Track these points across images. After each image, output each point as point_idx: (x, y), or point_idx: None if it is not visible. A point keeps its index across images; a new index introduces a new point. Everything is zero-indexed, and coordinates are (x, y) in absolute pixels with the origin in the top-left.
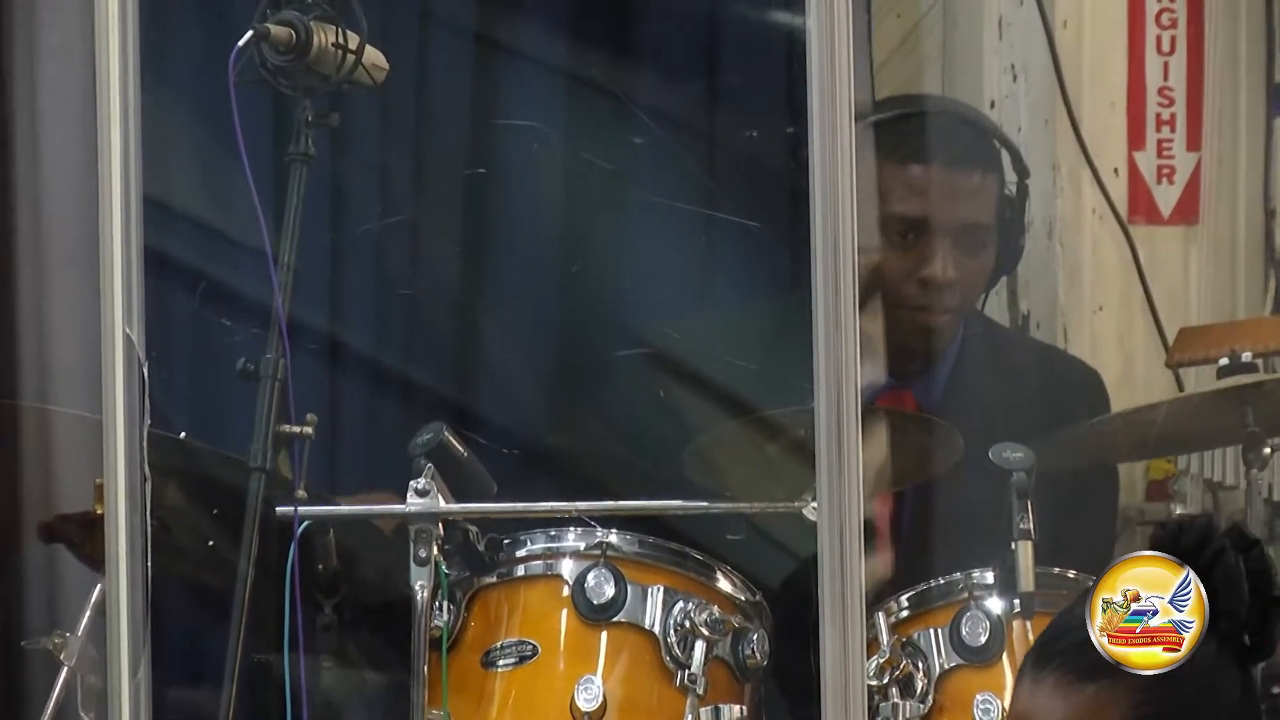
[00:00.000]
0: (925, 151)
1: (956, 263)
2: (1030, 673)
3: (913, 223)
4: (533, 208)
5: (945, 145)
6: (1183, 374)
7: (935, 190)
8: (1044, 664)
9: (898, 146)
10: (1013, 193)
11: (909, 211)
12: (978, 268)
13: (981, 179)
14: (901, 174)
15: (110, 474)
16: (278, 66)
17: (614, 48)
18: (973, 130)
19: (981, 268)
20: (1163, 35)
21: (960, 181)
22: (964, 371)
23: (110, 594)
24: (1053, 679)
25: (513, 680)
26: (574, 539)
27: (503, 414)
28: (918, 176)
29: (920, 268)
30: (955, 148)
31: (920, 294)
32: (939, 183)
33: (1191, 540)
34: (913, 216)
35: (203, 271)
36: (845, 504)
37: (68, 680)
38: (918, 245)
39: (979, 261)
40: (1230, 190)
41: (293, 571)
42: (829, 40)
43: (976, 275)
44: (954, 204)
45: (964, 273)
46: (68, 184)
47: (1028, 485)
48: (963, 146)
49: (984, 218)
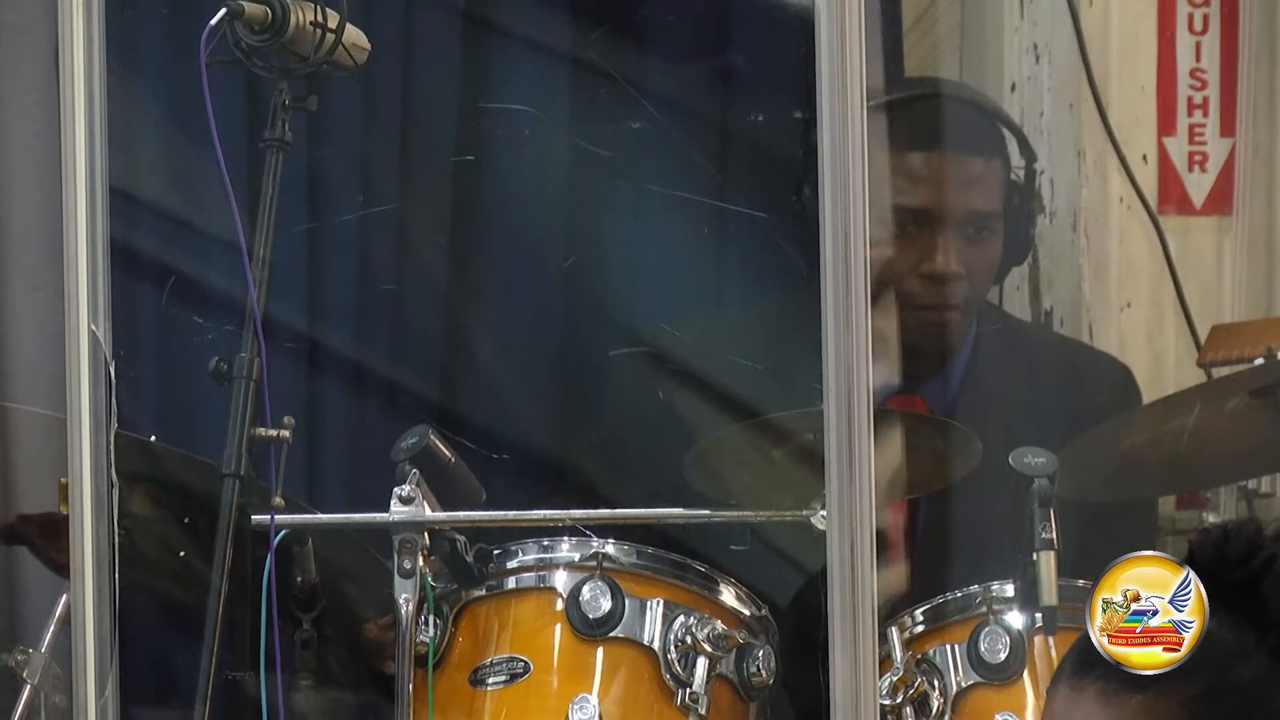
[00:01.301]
0: (923, 138)
1: (961, 254)
2: (1068, 682)
3: (913, 214)
4: (525, 197)
5: (943, 130)
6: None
7: (935, 179)
8: (1085, 673)
9: (893, 133)
10: (1020, 179)
11: (909, 202)
12: (984, 259)
13: (984, 165)
14: (899, 163)
15: (75, 479)
16: (252, 46)
17: (611, 27)
18: (973, 112)
19: (988, 259)
20: (1195, 14)
21: (961, 168)
22: (979, 371)
23: (76, 607)
24: (1095, 689)
25: (503, 699)
26: (568, 549)
27: (492, 417)
28: (916, 165)
29: (923, 261)
30: (954, 132)
31: (925, 289)
32: (938, 171)
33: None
34: (913, 207)
35: (173, 265)
36: (856, 512)
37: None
38: (919, 238)
39: (985, 252)
40: (1266, 178)
41: (269, 584)
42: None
43: (983, 267)
44: (955, 192)
45: (969, 264)
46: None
47: (1050, 492)
48: (962, 131)
49: (988, 205)
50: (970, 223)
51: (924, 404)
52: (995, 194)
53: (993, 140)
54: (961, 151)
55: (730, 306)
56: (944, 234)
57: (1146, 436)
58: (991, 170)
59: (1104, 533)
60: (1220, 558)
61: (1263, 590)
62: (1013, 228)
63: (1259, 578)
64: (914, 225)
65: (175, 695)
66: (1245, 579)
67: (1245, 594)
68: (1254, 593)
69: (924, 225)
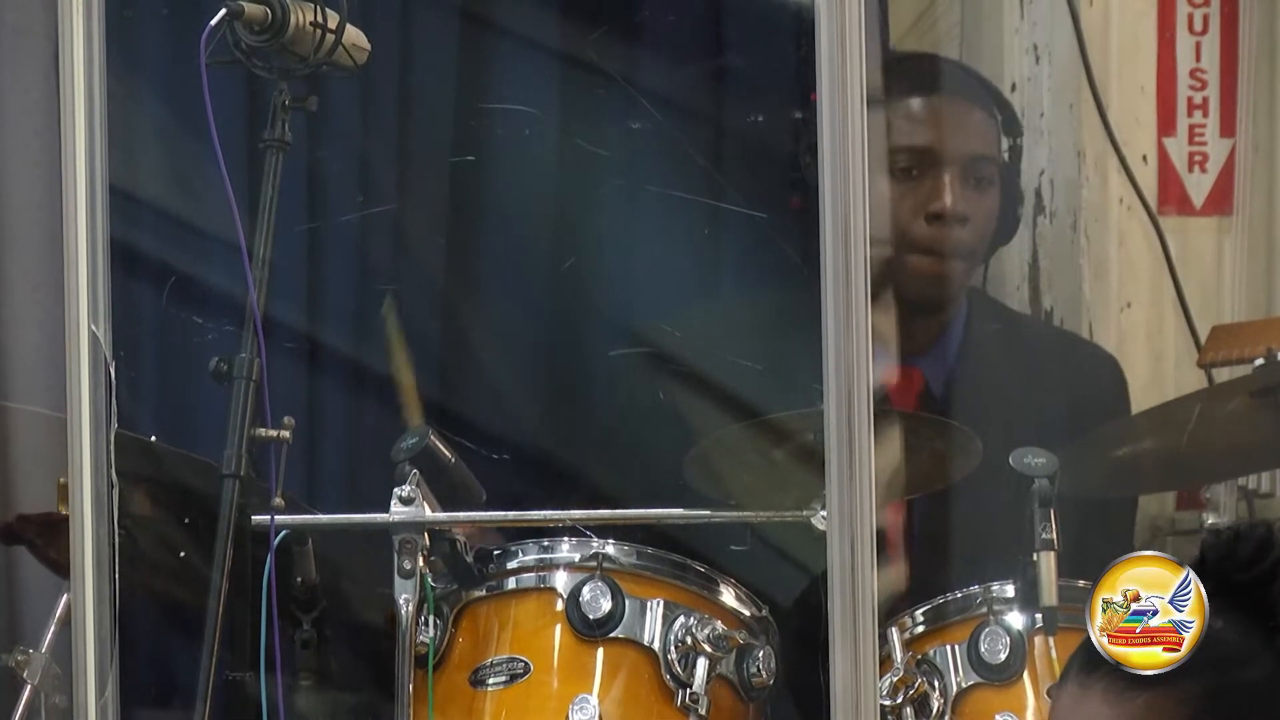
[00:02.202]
0: (925, 85)
1: (965, 196)
2: (1075, 679)
3: (917, 154)
4: (524, 197)
5: (944, 81)
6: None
7: (938, 122)
8: (1091, 671)
9: (898, 84)
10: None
11: (912, 142)
12: (986, 206)
13: (983, 114)
14: (902, 108)
15: (75, 479)
16: (252, 47)
17: (610, 27)
18: (967, 73)
19: (988, 209)
20: (1195, 14)
21: (963, 114)
22: (972, 349)
23: (76, 607)
24: (1101, 686)
25: (503, 700)
26: (568, 550)
27: (492, 417)
28: (918, 109)
29: (930, 201)
30: (951, 82)
31: (930, 233)
32: (941, 114)
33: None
34: (917, 147)
35: (173, 265)
36: (857, 512)
37: (30, 700)
38: (923, 179)
39: (986, 199)
40: (1266, 178)
41: (269, 584)
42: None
43: (984, 217)
44: (958, 135)
45: (972, 209)
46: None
47: (1050, 493)
48: (958, 82)
49: (989, 150)
50: (972, 168)
51: (921, 378)
52: (993, 142)
53: (987, 97)
54: (962, 99)
55: (730, 306)
56: (949, 173)
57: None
58: (989, 121)
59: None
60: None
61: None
62: (1001, 203)
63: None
64: (918, 167)
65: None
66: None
67: (1255, 595)
68: (1263, 594)
69: (928, 166)
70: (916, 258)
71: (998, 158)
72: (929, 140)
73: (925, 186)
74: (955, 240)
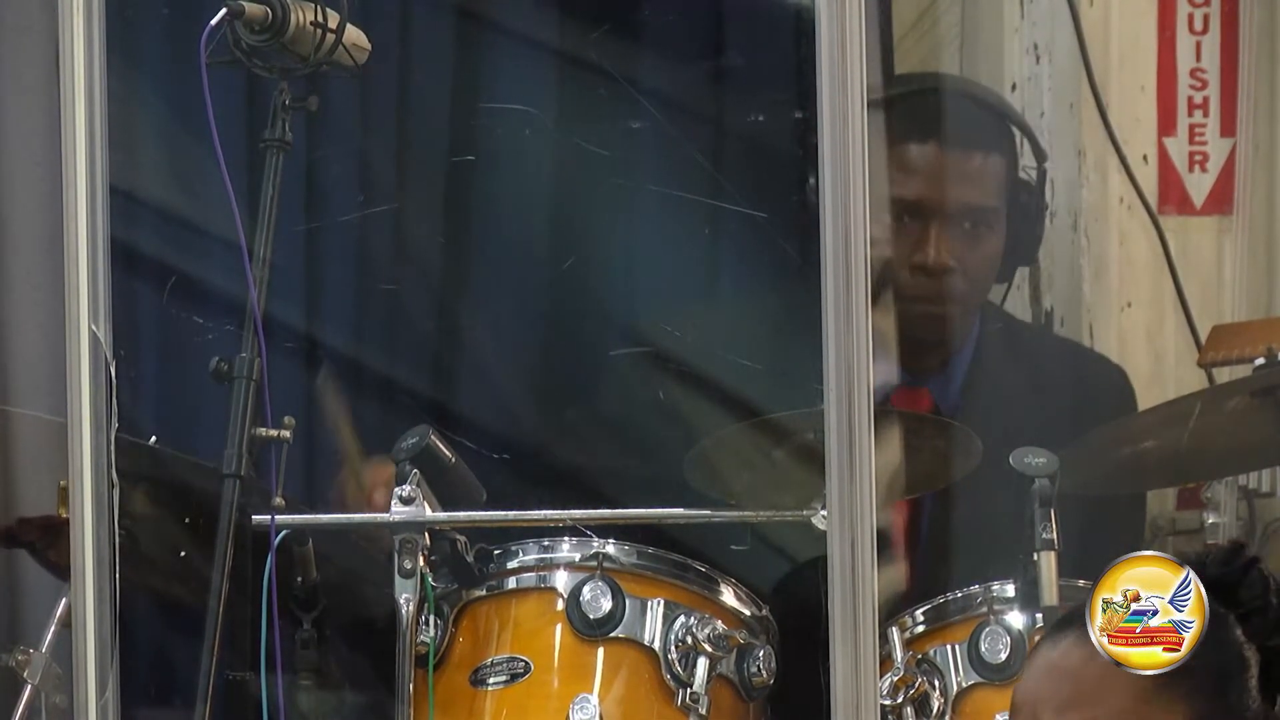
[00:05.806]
0: (921, 131)
1: (953, 248)
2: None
3: (906, 206)
4: (524, 197)
5: (941, 124)
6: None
7: (931, 172)
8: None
9: (893, 125)
10: (1031, 178)
11: (902, 194)
12: (980, 255)
13: (982, 159)
14: (896, 155)
15: (76, 480)
16: (252, 46)
17: (610, 26)
18: (978, 109)
19: (984, 255)
20: (1195, 13)
21: (957, 162)
22: (982, 369)
23: (76, 607)
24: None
25: (503, 699)
26: (568, 549)
27: (492, 416)
28: (913, 157)
29: (915, 253)
30: (952, 126)
31: (916, 283)
32: (935, 164)
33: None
34: (906, 199)
35: (173, 265)
36: (857, 512)
37: (31, 700)
38: (912, 230)
39: (981, 248)
40: (1266, 178)
41: (269, 584)
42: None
43: (979, 262)
44: (949, 185)
45: (964, 260)
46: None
47: (1051, 493)
48: (963, 126)
49: (985, 200)
50: (965, 217)
51: (929, 398)
52: (992, 189)
53: (994, 136)
54: (958, 145)
55: (730, 306)
56: (935, 227)
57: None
58: (990, 165)
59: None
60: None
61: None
62: (1021, 226)
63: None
64: (908, 217)
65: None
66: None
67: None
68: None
69: (916, 217)
70: (907, 305)
71: (996, 204)
72: (918, 193)
73: (913, 237)
74: (945, 289)
